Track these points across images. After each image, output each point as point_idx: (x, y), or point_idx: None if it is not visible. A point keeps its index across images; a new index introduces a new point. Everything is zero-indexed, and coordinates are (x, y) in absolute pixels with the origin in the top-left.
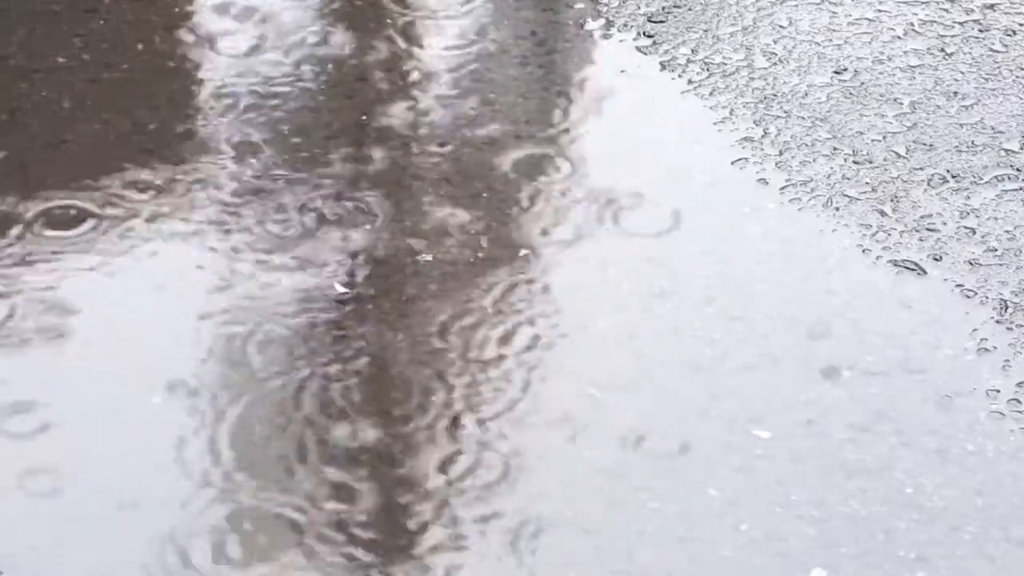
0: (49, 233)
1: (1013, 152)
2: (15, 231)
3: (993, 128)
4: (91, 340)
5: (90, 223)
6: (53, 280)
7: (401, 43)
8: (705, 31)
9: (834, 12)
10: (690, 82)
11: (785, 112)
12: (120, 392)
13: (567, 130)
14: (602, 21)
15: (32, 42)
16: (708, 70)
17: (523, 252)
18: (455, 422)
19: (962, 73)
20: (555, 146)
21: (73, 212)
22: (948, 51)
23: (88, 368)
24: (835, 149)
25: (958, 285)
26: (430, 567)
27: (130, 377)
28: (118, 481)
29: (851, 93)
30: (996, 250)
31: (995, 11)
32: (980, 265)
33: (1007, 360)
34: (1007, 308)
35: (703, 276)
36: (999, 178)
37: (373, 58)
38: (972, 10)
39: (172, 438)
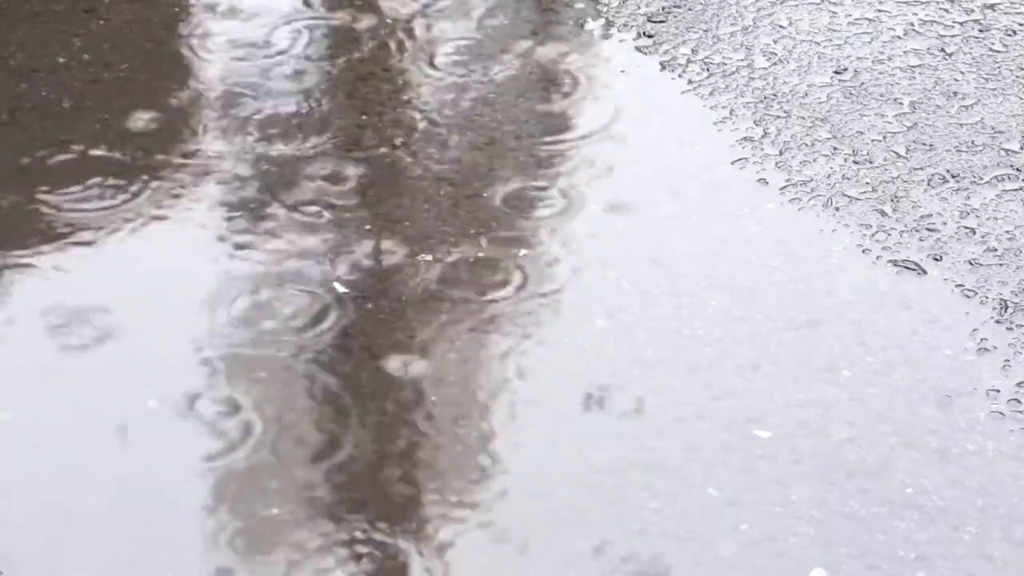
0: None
1: (1013, 152)
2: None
3: (993, 128)
4: (86, 342)
5: (87, 223)
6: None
7: (401, 43)
8: (705, 31)
9: (834, 12)
10: (690, 82)
11: (785, 112)
12: (113, 398)
13: (567, 130)
14: (602, 21)
15: (32, 42)
16: (708, 70)
17: (523, 252)
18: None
19: (962, 73)
20: (555, 146)
21: (73, 209)
22: (948, 51)
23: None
24: (835, 149)
25: (958, 285)
26: (430, 563)
27: (123, 387)
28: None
29: (851, 93)
30: (996, 250)
31: (995, 11)
32: (980, 265)
33: (1007, 360)
34: (1007, 308)
35: (703, 276)
36: (999, 178)
37: (373, 58)
38: (972, 10)
39: (169, 441)
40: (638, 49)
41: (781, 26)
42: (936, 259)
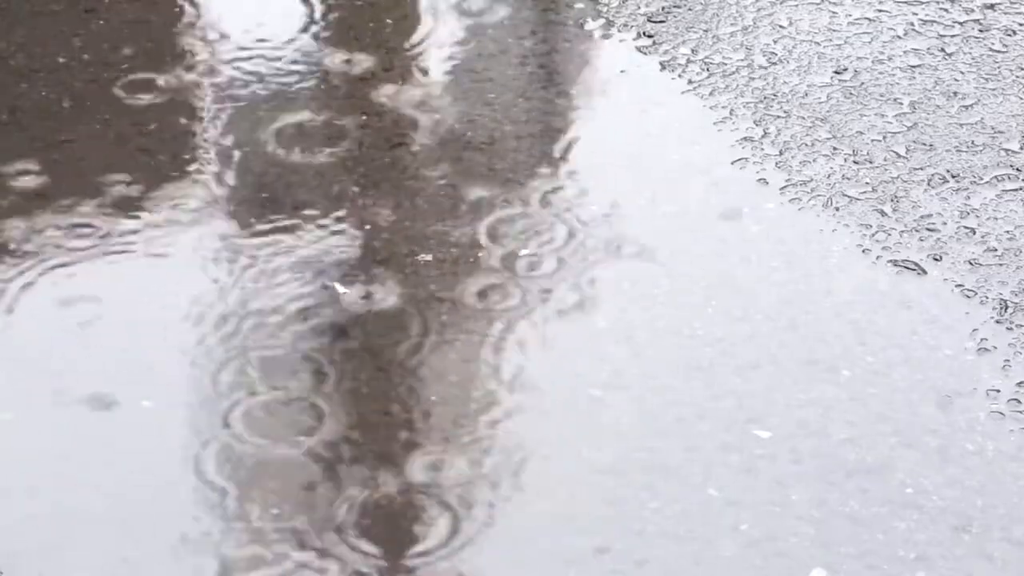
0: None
1: (1013, 152)
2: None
3: (993, 128)
4: (88, 339)
5: (87, 223)
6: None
7: (401, 43)
8: (705, 31)
9: (834, 12)
10: (690, 82)
11: (785, 112)
12: (108, 397)
13: (567, 131)
14: (602, 21)
15: (32, 42)
16: (708, 70)
17: (523, 252)
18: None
19: (962, 73)
20: (555, 146)
21: (72, 208)
22: (948, 51)
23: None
24: (835, 149)
25: (958, 285)
26: (431, 562)
27: (119, 386)
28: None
29: (851, 93)
30: (996, 250)
31: (995, 11)
32: (980, 265)
33: (1007, 360)
34: (1007, 308)
35: (703, 276)
36: (999, 178)
37: (373, 58)
38: (972, 10)
39: (164, 445)
40: (638, 49)
41: (781, 26)
42: (936, 259)
